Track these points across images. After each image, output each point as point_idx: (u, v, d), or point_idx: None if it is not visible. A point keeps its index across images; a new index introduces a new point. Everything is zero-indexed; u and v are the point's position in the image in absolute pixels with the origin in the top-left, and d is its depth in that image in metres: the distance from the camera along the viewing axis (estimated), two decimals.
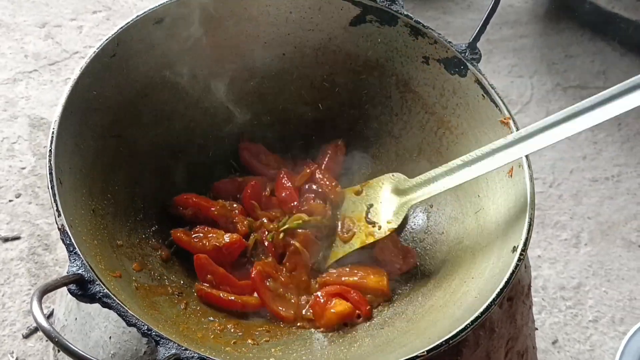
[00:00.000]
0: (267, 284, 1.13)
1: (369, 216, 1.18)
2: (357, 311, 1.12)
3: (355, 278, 1.16)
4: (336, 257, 1.18)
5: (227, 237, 1.16)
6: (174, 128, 1.23)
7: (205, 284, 1.12)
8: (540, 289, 1.74)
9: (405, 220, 1.20)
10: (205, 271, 1.13)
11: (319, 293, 1.13)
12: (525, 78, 2.33)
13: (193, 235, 1.17)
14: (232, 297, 1.11)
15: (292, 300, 1.14)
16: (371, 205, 1.19)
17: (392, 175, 1.19)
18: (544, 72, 2.36)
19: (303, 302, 1.14)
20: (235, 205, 1.23)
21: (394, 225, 1.16)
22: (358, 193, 1.22)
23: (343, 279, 1.16)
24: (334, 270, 1.19)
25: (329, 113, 1.32)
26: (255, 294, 1.13)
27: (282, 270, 1.16)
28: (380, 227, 1.17)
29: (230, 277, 1.14)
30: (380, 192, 1.18)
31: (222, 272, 1.13)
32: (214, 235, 1.17)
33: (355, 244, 1.18)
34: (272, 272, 1.14)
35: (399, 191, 1.17)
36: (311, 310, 1.12)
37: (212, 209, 1.20)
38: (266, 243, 1.19)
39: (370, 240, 1.17)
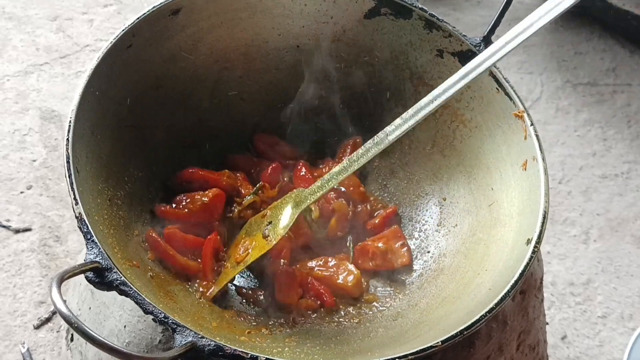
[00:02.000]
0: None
1: (265, 232, 1.16)
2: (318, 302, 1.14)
3: (326, 273, 1.17)
4: (227, 279, 1.13)
5: (210, 194, 1.18)
6: (189, 119, 1.23)
7: (155, 234, 1.12)
8: (549, 284, 1.74)
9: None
10: (178, 243, 1.13)
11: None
12: (535, 75, 2.33)
13: (174, 206, 1.17)
14: (179, 257, 1.11)
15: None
16: (270, 223, 1.16)
17: (293, 191, 1.18)
18: (554, 69, 2.36)
19: None
20: (238, 174, 1.24)
21: (282, 234, 1.13)
22: (264, 216, 1.19)
23: (316, 269, 1.18)
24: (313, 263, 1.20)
25: (343, 105, 1.32)
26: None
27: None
28: (271, 240, 1.14)
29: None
30: (282, 210, 1.16)
31: (191, 238, 1.15)
32: (198, 196, 1.18)
33: (248, 260, 1.14)
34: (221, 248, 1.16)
35: (295, 204, 1.15)
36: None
37: (222, 179, 1.21)
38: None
39: (261, 253, 1.13)
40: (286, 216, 1.15)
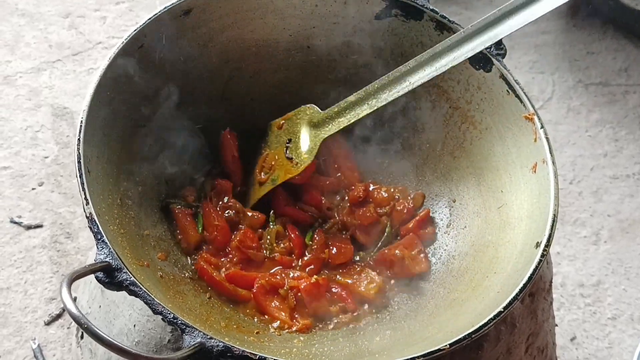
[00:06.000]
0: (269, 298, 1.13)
1: (287, 152, 1.19)
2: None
3: (349, 280, 1.17)
4: (259, 196, 1.18)
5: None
6: (199, 118, 1.24)
7: (205, 262, 1.13)
8: (559, 285, 1.74)
9: (318, 154, 1.19)
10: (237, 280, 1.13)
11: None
12: (546, 74, 2.31)
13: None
14: (226, 284, 1.11)
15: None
16: (289, 140, 1.19)
17: (308, 107, 1.20)
18: (566, 69, 2.35)
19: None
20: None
21: (308, 161, 1.17)
22: (280, 127, 1.21)
23: (338, 276, 1.18)
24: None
25: None
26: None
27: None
28: (297, 164, 1.18)
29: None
30: (298, 126, 1.18)
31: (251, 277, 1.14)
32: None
33: (277, 180, 1.18)
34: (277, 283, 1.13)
35: (313, 124, 1.18)
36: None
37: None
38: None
39: (288, 177, 1.18)
40: (305, 138, 1.17)
